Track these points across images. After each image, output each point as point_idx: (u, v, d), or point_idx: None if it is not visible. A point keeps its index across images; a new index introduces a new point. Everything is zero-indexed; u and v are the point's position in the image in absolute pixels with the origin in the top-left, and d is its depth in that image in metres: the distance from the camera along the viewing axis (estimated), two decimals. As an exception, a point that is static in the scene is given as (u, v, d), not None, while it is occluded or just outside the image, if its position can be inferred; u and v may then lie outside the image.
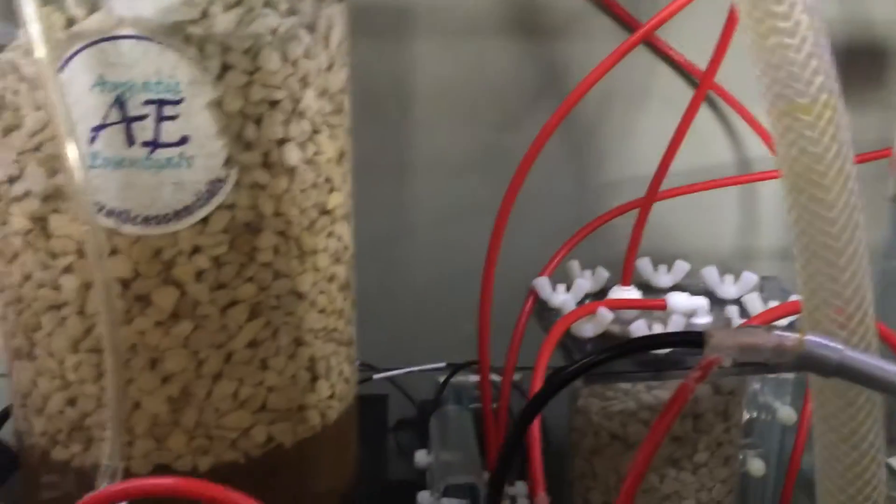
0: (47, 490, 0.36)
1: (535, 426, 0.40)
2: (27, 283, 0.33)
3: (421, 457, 0.51)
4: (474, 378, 0.63)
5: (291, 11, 0.34)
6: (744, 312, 0.47)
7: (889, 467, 0.51)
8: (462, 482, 0.46)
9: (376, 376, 0.59)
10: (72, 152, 0.26)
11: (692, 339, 0.33)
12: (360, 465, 0.43)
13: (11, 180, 0.32)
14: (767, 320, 0.42)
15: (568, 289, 0.51)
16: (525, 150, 0.62)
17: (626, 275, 0.51)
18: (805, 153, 0.30)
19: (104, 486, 0.27)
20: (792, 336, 0.31)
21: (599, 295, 0.52)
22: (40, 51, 0.25)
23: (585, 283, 0.51)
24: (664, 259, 0.56)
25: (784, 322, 0.45)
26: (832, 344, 0.31)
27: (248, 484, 0.33)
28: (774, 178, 0.60)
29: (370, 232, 0.65)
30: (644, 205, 0.50)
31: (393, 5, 0.61)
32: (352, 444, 0.41)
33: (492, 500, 0.36)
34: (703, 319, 0.48)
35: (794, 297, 0.47)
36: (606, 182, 0.64)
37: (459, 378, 0.61)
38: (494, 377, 0.53)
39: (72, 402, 0.34)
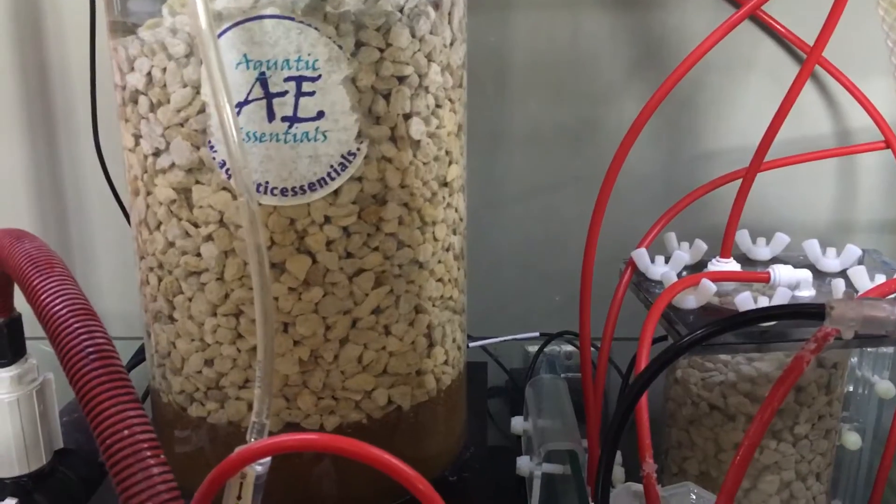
0: (182, 444, 0.39)
1: (643, 398, 0.40)
2: (170, 250, 0.35)
3: (517, 423, 0.53)
4: (567, 348, 0.64)
5: (418, -11, 0.35)
6: (850, 285, 0.47)
7: None
8: (562, 448, 0.47)
9: (472, 344, 0.60)
10: (229, 126, 0.27)
11: (813, 311, 0.33)
12: (468, 430, 0.44)
13: (157, 153, 0.34)
14: (883, 293, 0.42)
15: (667, 261, 0.52)
16: (617, 124, 0.63)
17: (726, 247, 0.51)
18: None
19: (254, 441, 0.29)
20: (918, 309, 0.31)
21: (697, 267, 0.52)
22: (203, 26, 0.27)
23: (684, 255, 0.51)
24: (762, 231, 0.56)
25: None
26: (958, 318, 0.31)
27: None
28: (875, 149, 0.59)
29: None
30: (747, 175, 0.50)
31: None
32: (461, 409, 0.43)
33: (605, 467, 0.37)
34: (807, 292, 0.48)
35: (901, 272, 0.46)
36: (700, 154, 0.64)
37: (552, 347, 0.63)
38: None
39: (209, 362, 0.36)
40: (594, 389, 0.52)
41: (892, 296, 0.44)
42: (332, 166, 0.33)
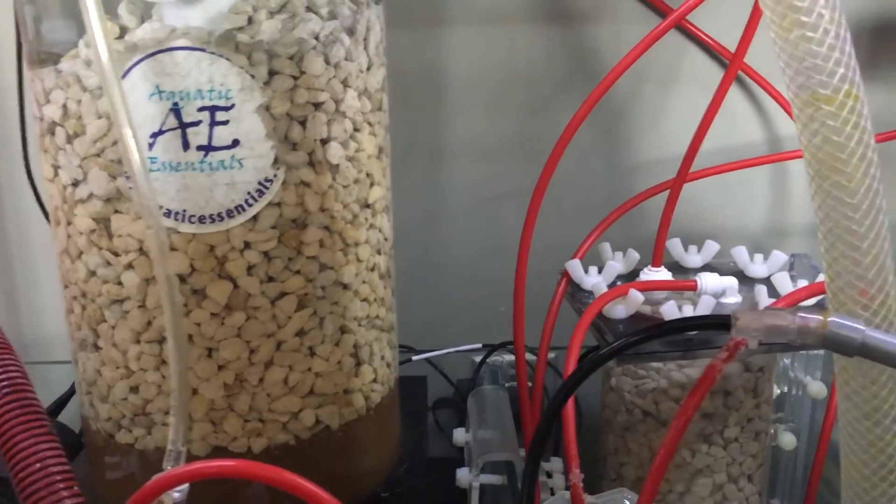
0: (112, 470, 0.39)
1: (570, 405, 0.41)
2: (92, 279, 0.35)
3: (459, 435, 0.54)
4: (509, 358, 0.65)
5: (332, 15, 0.35)
6: (773, 292, 0.49)
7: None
8: (500, 459, 0.48)
9: (415, 357, 0.61)
10: (135, 158, 0.28)
11: (720, 322, 0.34)
12: (403, 445, 0.45)
13: (76, 184, 0.34)
14: (794, 301, 0.43)
15: (600, 271, 0.53)
16: (556, 135, 0.64)
17: (657, 256, 0.53)
18: (828, 142, 0.31)
19: (169, 469, 0.30)
20: (816, 317, 0.32)
21: (631, 276, 0.54)
22: (105, 61, 0.27)
23: (617, 265, 0.53)
24: (696, 239, 0.58)
25: (812, 301, 0.46)
26: (855, 325, 0.32)
27: (297, 464, 0.35)
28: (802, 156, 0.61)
29: (406, 216, 0.67)
30: (674, 186, 0.51)
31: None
32: (394, 425, 0.44)
33: (529, 476, 0.38)
34: (733, 299, 0.49)
35: (822, 277, 0.48)
36: (638, 164, 0.66)
37: (495, 358, 0.64)
38: (529, 357, 0.55)
39: (134, 389, 0.36)
40: (532, 399, 0.53)
41: (808, 301, 0.45)
42: (249, 193, 0.34)
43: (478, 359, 0.65)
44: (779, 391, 0.57)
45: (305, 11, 0.35)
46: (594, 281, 0.51)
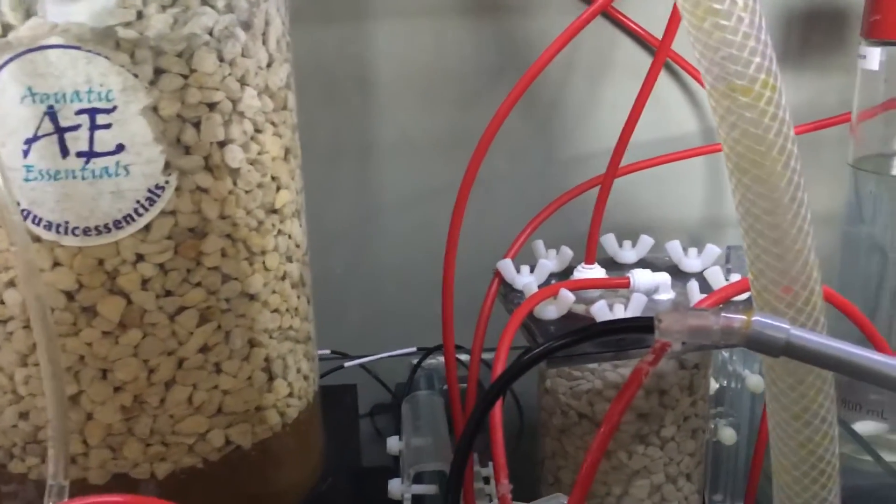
0: (8, 500, 0.36)
1: (497, 413, 0.40)
2: (-29, 299, 0.33)
3: (393, 443, 0.52)
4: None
5: (229, 9, 0.33)
6: (706, 286, 0.48)
7: (850, 430, 0.52)
8: (431, 469, 0.46)
9: (347, 364, 0.59)
10: (-4, 171, 0.25)
11: (643, 325, 0.33)
12: (327, 458, 0.43)
13: (-53, 196, 0.32)
14: (721, 299, 0.42)
15: (532, 270, 0.51)
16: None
17: (590, 253, 0.51)
18: (746, 135, 0.30)
19: (53, 504, 0.27)
20: (739, 317, 0.31)
21: (564, 274, 0.52)
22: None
23: (549, 263, 0.51)
24: (633, 233, 0.56)
25: (744, 296, 0.45)
26: (779, 324, 0.31)
27: (207, 488, 0.33)
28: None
29: (335, 217, 0.65)
30: (605, 181, 0.50)
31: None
32: (315, 439, 0.42)
33: (452, 489, 0.36)
34: (666, 295, 0.48)
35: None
36: (573, 157, 0.64)
37: (432, 361, 0.62)
38: (466, 358, 0.53)
39: (24, 415, 0.34)
40: (465, 403, 0.51)
41: (741, 296, 0.44)
42: (138, 201, 0.31)
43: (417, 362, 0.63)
44: (718, 386, 0.56)
45: (200, 5, 0.32)
46: (525, 281, 0.49)
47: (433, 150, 0.63)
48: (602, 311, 0.44)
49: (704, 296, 0.45)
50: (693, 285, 0.47)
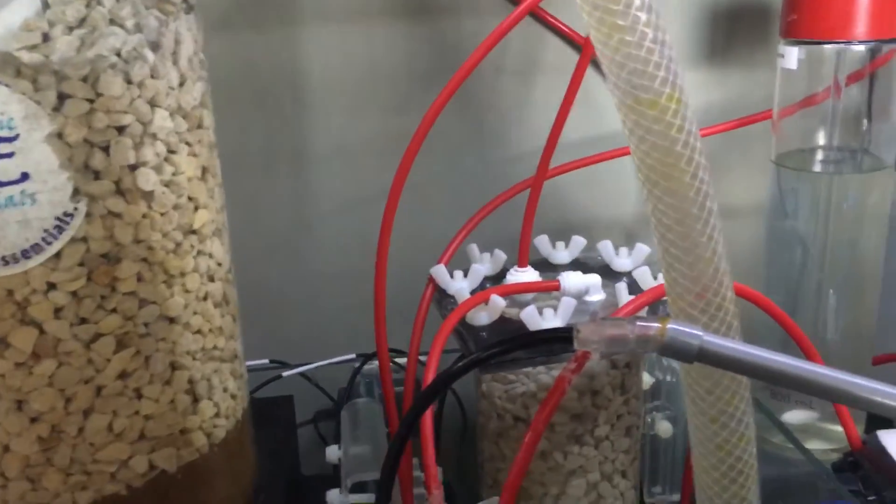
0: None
1: (427, 423, 0.40)
2: None
3: (332, 452, 0.52)
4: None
5: (137, 28, 0.32)
6: (635, 287, 0.48)
7: (776, 420, 0.53)
8: (368, 479, 0.47)
9: (285, 374, 0.58)
10: None
11: (562, 336, 0.33)
12: (262, 473, 0.43)
13: None
14: (642, 304, 0.43)
15: (466, 274, 0.51)
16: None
17: (522, 256, 0.52)
18: (654, 147, 0.31)
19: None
20: (654, 325, 0.32)
21: (498, 278, 0.53)
22: None
23: (481, 267, 0.51)
24: (568, 232, 0.57)
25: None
26: (692, 330, 0.31)
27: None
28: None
29: (272, 225, 0.64)
30: (534, 184, 0.50)
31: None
32: (247, 455, 0.41)
33: (382, 497, 0.36)
34: (597, 297, 0.49)
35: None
36: (508, 158, 0.65)
37: (372, 367, 0.62)
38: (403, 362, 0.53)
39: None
40: (402, 408, 0.52)
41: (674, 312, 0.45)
42: (46, 230, 0.31)
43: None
44: (653, 380, 0.57)
45: (108, 25, 0.32)
46: (458, 286, 0.50)
47: (367, 156, 0.63)
48: (531, 316, 0.44)
49: (632, 297, 0.46)
50: (622, 286, 0.47)
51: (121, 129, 0.32)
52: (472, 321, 0.47)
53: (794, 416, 0.56)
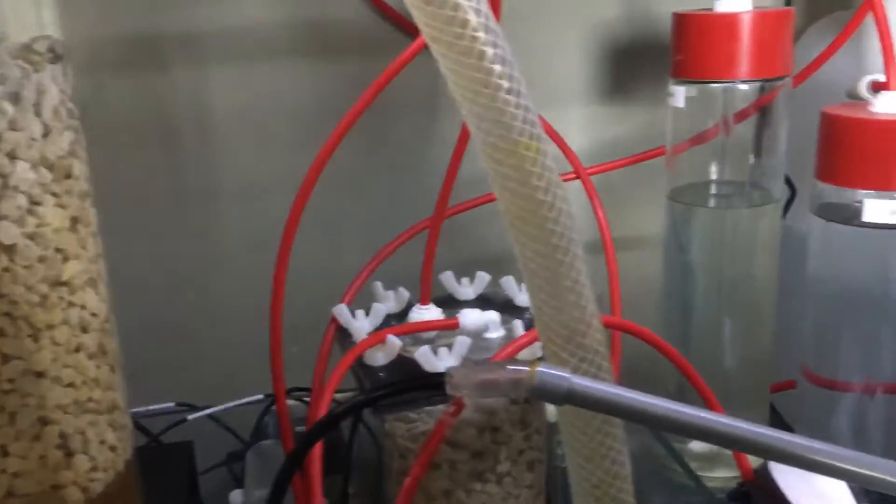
0: None
1: (315, 464, 0.39)
2: None
3: (235, 497, 0.51)
4: (298, 405, 0.63)
5: (2, 80, 0.32)
6: (532, 323, 0.49)
7: (671, 450, 0.54)
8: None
9: (191, 416, 0.57)
10: None
11: (435, 382, 0.34)
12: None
13: None
14: (519, 347, 0.43)
15: (367, 313, 0.51)
16: (330, 169, 0.62)
17: (424, 294, 0.52)
18: (515, 194, 0.31)
19: None
20: (524, 369, 0.32)
21: (401, 315, 0.53)
22: None
23: (382, 306, 0.51)
24: (478, 267, 0.57)
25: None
26: (560, 373, 0.32)
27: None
28: (568, 180, 0.61)
29: (178, 263, 0.64)
30: (433, 224, 0.50)
31: (179, 34, 0.60)
32: (131, 507, 0.40)
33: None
34: (496, 333, 0.49)
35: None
36: (417, 193, 0.65)
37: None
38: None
39: None
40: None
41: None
42: None
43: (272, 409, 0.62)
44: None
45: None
46: (358, 325, 0.50)
47: (275, 193, 0.62)
48: (425, 356, 0.45)
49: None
50: (518, 324, 0.48)
51: (-26, 182, 0.31)
52: (370, 361, 0.47)
53: (698, 446, 0.57)
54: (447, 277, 0.55)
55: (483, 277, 0.55)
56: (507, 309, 0.52)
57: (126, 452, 0.40)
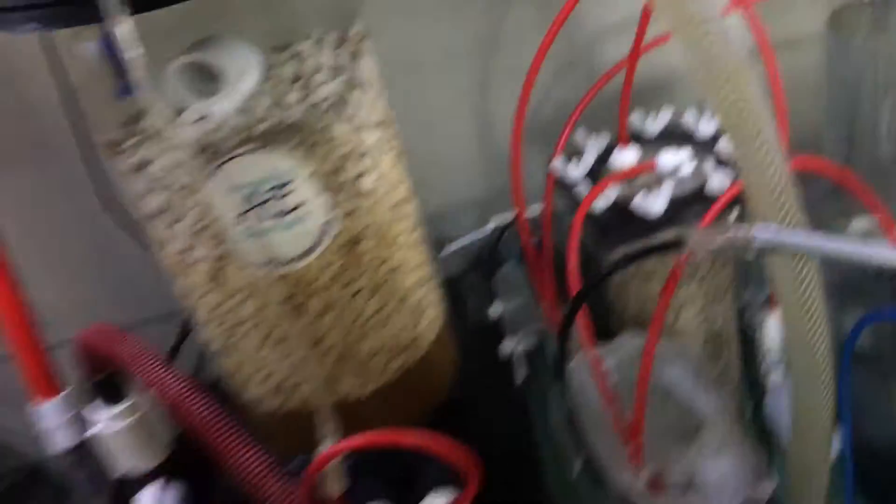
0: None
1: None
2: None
3: (496, 308, 0.66)
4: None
5: (337, 72, 0.44)
6: (719, 161, 0.58)
7: None
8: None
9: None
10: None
11: (673, 244, 0.45)
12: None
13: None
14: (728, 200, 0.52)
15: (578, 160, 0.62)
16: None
17: (622, 134, 0.61)
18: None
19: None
20: (744, 229, 0.43)
21: (602, 159, 0.62)
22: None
23: (590, 156, 0.62)
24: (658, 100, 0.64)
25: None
26: (775, 230, 0.42)
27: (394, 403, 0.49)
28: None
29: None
30: (630, 63, 0.55)
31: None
32: (450, 346, 0.57)
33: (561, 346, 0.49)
34: (688, 170, 0.59)
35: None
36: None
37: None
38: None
39: (268, 377, 0.50)
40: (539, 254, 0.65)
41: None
42: (313, 236, 0.45)
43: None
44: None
45: (315, 75, 0.44)
46: (575, 173, 0.60)
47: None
48: (641, 206, 0.55)
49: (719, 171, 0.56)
50: (708, 165, 0.57)
51: (346, 155, 0.45)
52: (591, 210, 0.59)
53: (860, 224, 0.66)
54: (635, 118, 0.65)
55: (664, 114, 0.64)
56: (692, 142, 0.61)
57: (441, 305, 0.56)
